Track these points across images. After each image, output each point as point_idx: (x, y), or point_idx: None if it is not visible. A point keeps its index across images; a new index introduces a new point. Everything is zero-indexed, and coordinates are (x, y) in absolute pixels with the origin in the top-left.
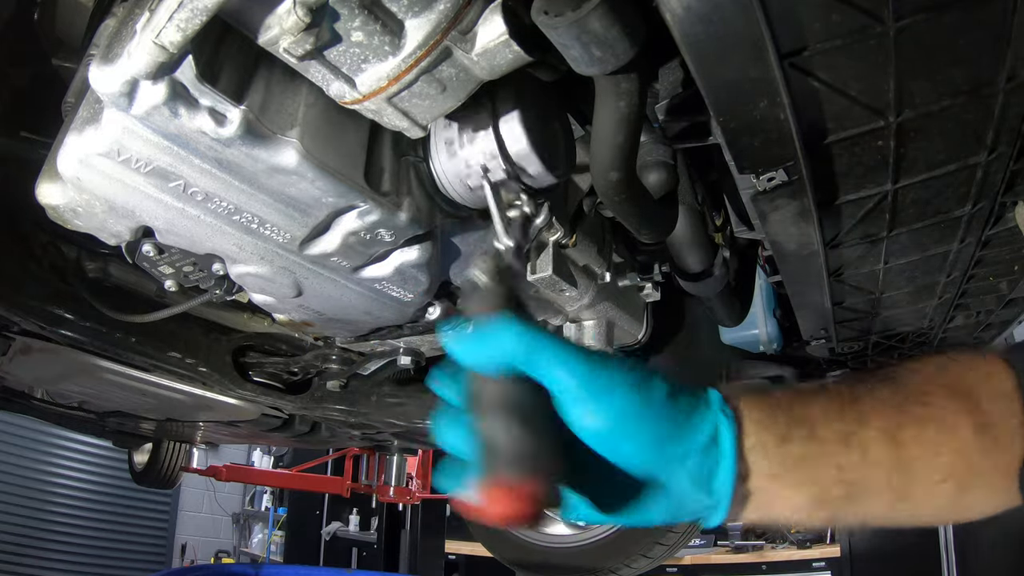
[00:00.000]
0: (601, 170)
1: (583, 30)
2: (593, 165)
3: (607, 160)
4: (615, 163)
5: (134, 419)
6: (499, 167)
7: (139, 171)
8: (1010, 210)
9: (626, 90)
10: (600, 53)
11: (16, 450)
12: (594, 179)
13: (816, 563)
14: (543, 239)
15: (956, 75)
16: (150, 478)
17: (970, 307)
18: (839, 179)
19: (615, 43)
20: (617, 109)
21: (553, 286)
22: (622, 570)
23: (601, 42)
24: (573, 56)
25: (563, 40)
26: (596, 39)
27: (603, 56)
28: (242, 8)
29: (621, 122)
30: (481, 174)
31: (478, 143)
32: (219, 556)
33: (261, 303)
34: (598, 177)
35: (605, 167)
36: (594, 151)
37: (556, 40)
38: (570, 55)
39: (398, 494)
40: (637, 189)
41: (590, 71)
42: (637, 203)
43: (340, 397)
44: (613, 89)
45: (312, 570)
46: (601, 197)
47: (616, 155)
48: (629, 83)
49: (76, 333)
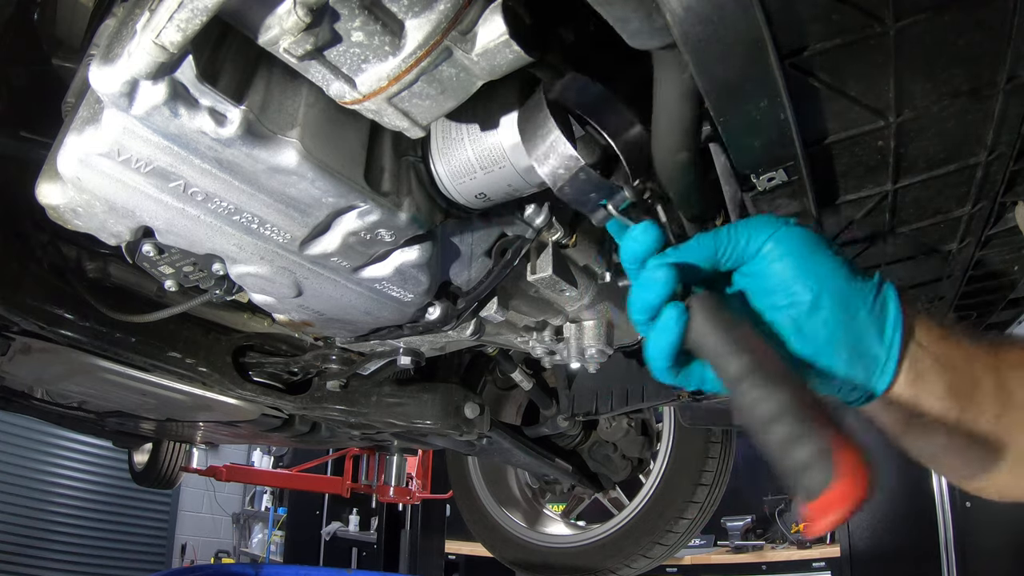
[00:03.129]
0: (668, 151)
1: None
2: (657, 147)
3: (675, 139)
4: (684, 142)
5: (134, 419)
6: (499, 167)
7: (139, 171)
8: (1010, 210)
9: (687, 61)
10: (662, 22)
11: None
12: (658, 163)
13: (816, 563)
14: (543, 239)
15: (956, 75)
16: (150, 478)
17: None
18: (839, 179)
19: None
20: (682, 82)
21: (553, 286)
22: (622, 570)
23: (661, 11)
24: (633, 29)
25: (621, 13)
26: (656, 7)
27: (663, 26)
28: (242, 8)
29: (686, 96)
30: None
31: (479, 143)
32: (219, 556)
33: (261, 303)
34: (664, 159)
35: (673, 147)
36: (657, 132)
37: (612, 15)
38: (630, 29)
39: (398, 494)
40: (701, 168)
41: (651, 44)
42: (700, 183)
43: (340, 397)
44: (675, 61)
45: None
46: (665, 181)
47: (684, 133)
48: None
49: (76, 333)
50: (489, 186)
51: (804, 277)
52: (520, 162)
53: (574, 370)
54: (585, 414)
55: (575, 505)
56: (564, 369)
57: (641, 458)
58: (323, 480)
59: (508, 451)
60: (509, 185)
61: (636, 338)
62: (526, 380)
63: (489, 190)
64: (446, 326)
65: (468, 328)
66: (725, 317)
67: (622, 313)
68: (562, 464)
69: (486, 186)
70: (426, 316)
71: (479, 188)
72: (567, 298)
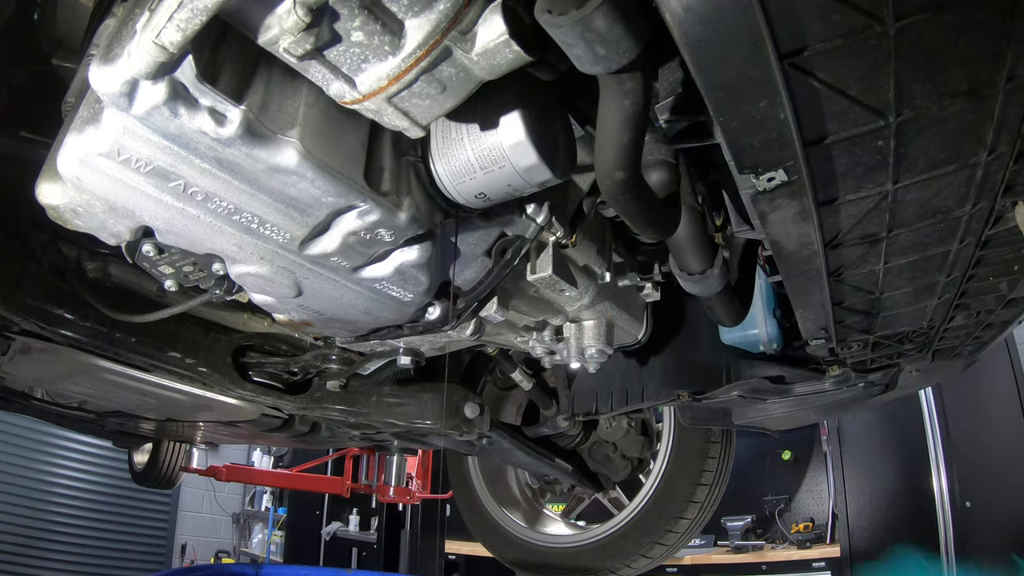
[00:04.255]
0: (606, 170)
1: (587, 28)
2: (598, 165)
3: (612, 159)
4: (620, 162)
5: (134, 419)
6: (499, 167)
7: (139, 171)
8: (1010, 210)
9: (631, 88)
10: (604, 51)
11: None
12: (599, 179)
13: (816, 563)
14: (543, 239)
15: (956, 75)
16: (150, 478)
17: (970, 307)
18: (839, 179)
19: (619, 41)
20: (622, 108)
21: (553, 286)
22: (622, 570)
23: (605, 40)
24: (577, 55)
25: (567, 39)
26: (600, 37)
27: (607, 54)
28: (242, 8)
29: (626, 121)
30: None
31: (479, 143)
32: (219, 556)
33: (261, 303)
34: (603, 177)
35: (610, 166)
36: (599, 150)
37: (560, 39)
38: (574, 54)
39: (398, 494)
40: (642, 188)
41: (594, 70)
42: (642, 202)
43: (340, 397)
44: (617, 88)
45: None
46: (606, 197)
47: (621, 154)
48: (634, 81)
49: (76, 333)
50: (489, 186)
51: None
52: (520, 162)
53: (574, 370)
54: (585, 414)
55: (575, 505)
56: (564, 369)
57: (641, 458)
58: (323, 480)
59: (508, 451)
60: (509, 185)
61: (636, 338)
62: (526, 380)
63: (489, 190)
64: (446, 326)
65: (468, 328)
66: None
67: (622, 313)
68: (562, 464)
69: (486, 186)
70: (426, 316)
71: (479, 188)
72: (567, 298)
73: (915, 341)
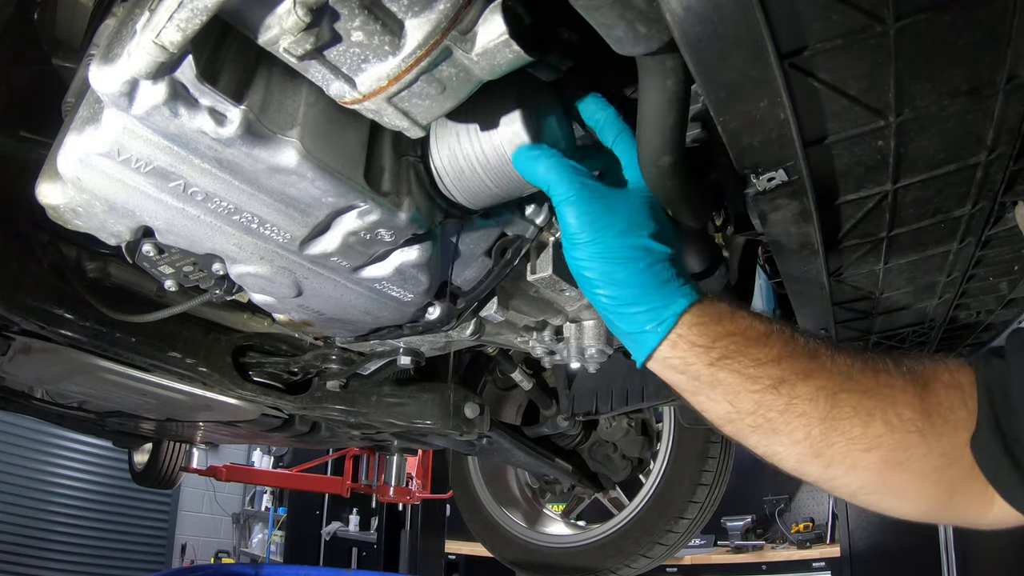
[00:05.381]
0: (651, 155)
1: (627, 7)
2: (641, 152)
3: (658, 144)
4: (667, 146)
5: (134, 419)
6: (500, 167)
7: (139, 171)
8: (1010, 210)
9: (672, 67)
10: (646, 29)
11: (16, 450)
12: (643, 167)
13: (816, 563)
14: (543, 239)
15: (956, 75)
16: (150, 478)
17: (970, 307)
18: (839, 179)
19: (660, 18)
20: (665, 88)
21: (553, 286)
22: (622, 570)
23: (647, 18)
24: (618, 36)
25: (607, 20)
26: (641, 15)
27: (648, 32)
28: (242, 8)
29: (671, 101)
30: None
31: (479, 143)
32: (219, 556)
33: (261, 303)
34: (648, 163)
35: (656, 151)
36: (642, 137)
37: (598, 22)
38: (614, 36)
39: (398, 494)
40: (687, 173)
41: (636, 51)
42: (688, 187)
43: (340, 397)
44: (659, 68)
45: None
46: (650, 186)
47: (667, 137)
48: (675, 60)
49: (76, 333)
50: (489, 186)
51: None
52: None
53: (574, 370)
54: (585, 414)
55: (575, 505)
56: (564, 369)
57: (641, 458)
58: (323, 480)
59: (508, 451)
60: (509, 185)
61: None
62: (526, 380)
63: (489, 190)
64: (446, 326)
65: (468, 328)
66: None
67: None
68: (562, 464)
69: (486, 186)
70: (426, 316)
71: (479, 188)
72: (567, 298)
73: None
